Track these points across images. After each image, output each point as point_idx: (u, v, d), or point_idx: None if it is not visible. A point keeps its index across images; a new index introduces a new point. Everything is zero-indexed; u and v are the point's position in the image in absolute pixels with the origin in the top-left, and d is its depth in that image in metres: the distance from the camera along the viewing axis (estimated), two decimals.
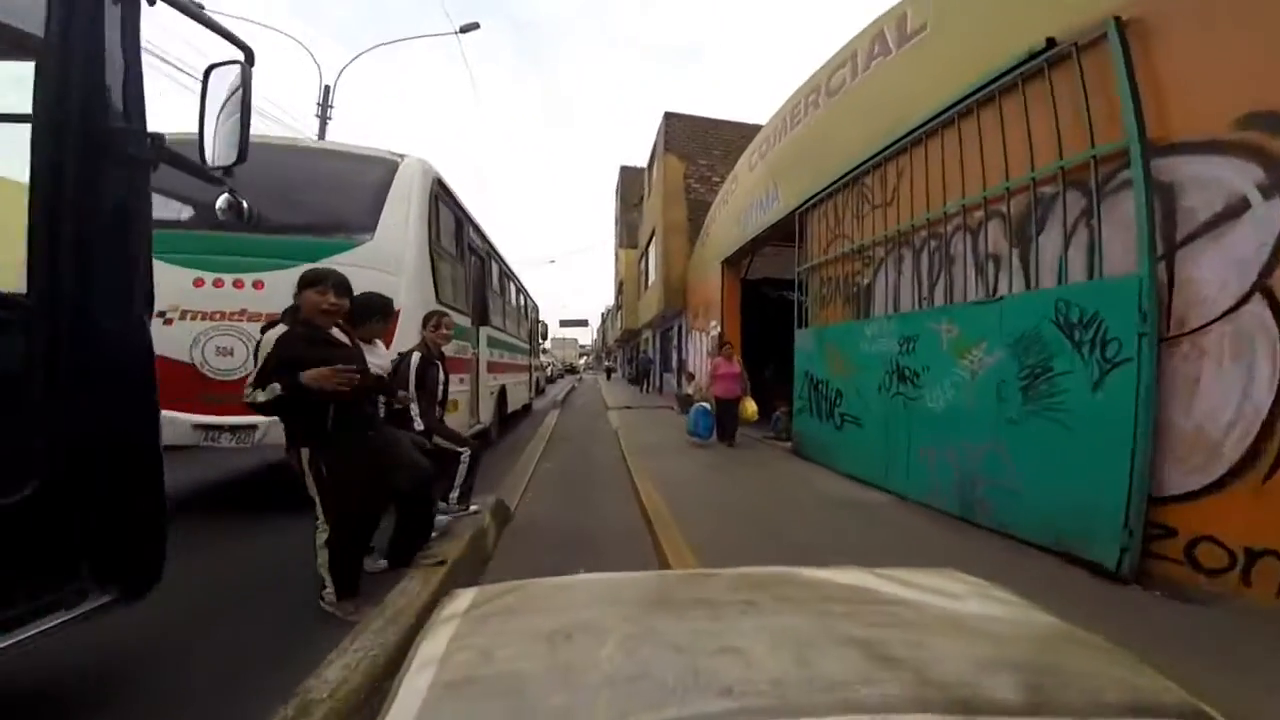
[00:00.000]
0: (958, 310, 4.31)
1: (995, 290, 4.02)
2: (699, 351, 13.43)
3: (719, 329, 11.56)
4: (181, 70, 9.08)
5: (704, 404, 7.98)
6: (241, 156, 1.79)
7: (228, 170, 1.82)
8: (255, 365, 2.46)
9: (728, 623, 0.79)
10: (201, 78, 1.86)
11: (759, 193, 9.17)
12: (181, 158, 1.71)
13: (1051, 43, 3.50)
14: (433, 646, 0.76)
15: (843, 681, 0.63)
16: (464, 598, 0.93)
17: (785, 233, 8.67)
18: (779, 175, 8.33)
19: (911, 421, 4.81)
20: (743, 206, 10.03)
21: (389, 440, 2.92)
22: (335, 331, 2.70)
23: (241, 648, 2.38)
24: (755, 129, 13.39)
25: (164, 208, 4.25)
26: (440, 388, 3.77)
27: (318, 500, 2.55)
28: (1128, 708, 0.62)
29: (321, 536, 2.58)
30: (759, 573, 1.04)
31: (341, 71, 13.40)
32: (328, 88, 12.40)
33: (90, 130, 1.47)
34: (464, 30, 12.93)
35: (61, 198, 1.44)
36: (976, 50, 4.30)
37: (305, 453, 2.51)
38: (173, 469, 1.92)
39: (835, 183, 6.37)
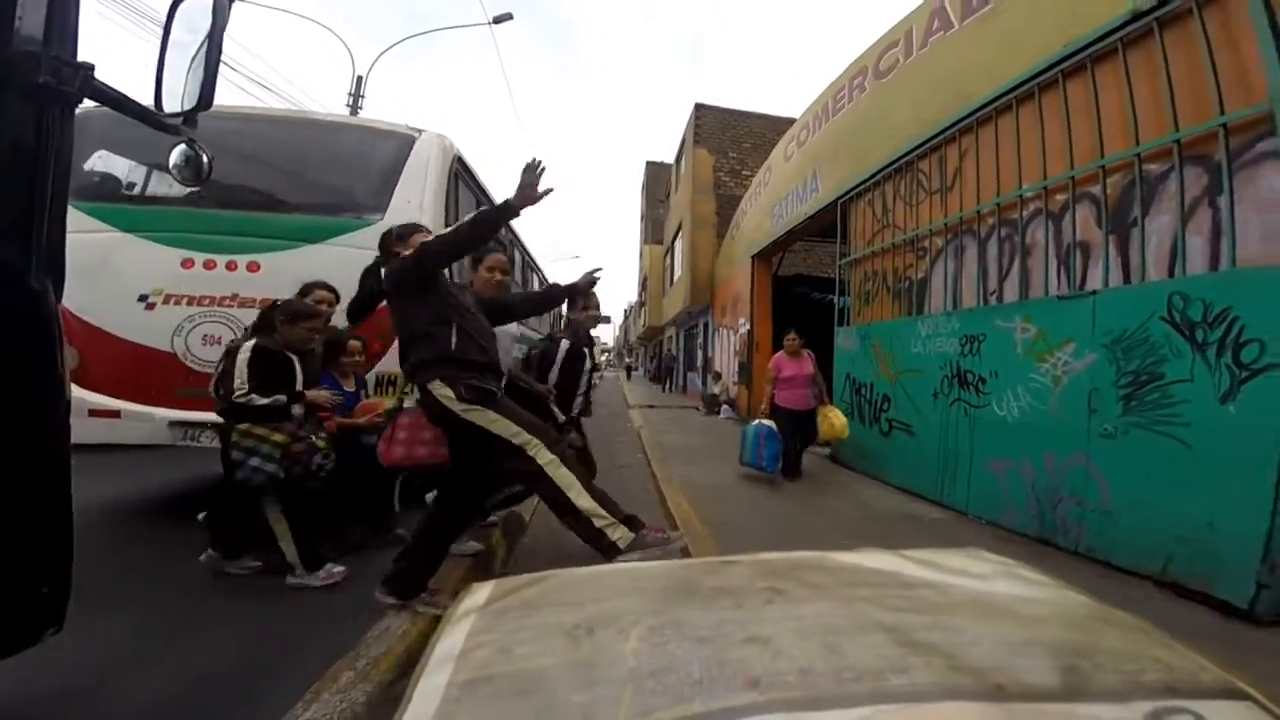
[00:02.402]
0: (1037, 306, 3.82)
1: (1084, 283, 3.53)
2: (725, 349, 12.99)
3: (748, 326, 11.10)
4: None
5: (765, 421, 5.41)
6: (204, 103, 1.47)
7: (187, 119, 1.49)
8: None
9: (753, 611, 0.76)
10: (168, 10, 1.55)
11: (796, 183, 8.69)
12: (125, 98, 1.37)
13: (1164, 0, 3.02)
14: (450, 643, 0.73)
15: (872, 670, 0.61)
16: (481, 591, 0.88)
17: (823, 225, 8.22)
18: (819, 163, 7.85)
19: (975, 431, 4.34)
20: (777, 198, 9.56)
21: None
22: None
23: (179, 695, 1.96)
24: (788, 121, 12.89)
25: (153, 182, 4.00)
26: (585, 379, 3.45)
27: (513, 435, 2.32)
28: (1166, 688, 0.59)
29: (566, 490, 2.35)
30: (783, 558, 1.00)
31: (374, 62, 13.00)
32: (360, 78, 12.15)
33: None
34: (498, 21, 12.58)
35: None
36: (1059, 16, 3.81)
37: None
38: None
39: (884, 168, 5.89)
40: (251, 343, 2.71)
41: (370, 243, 3.77)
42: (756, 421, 5.50)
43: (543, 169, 2.26)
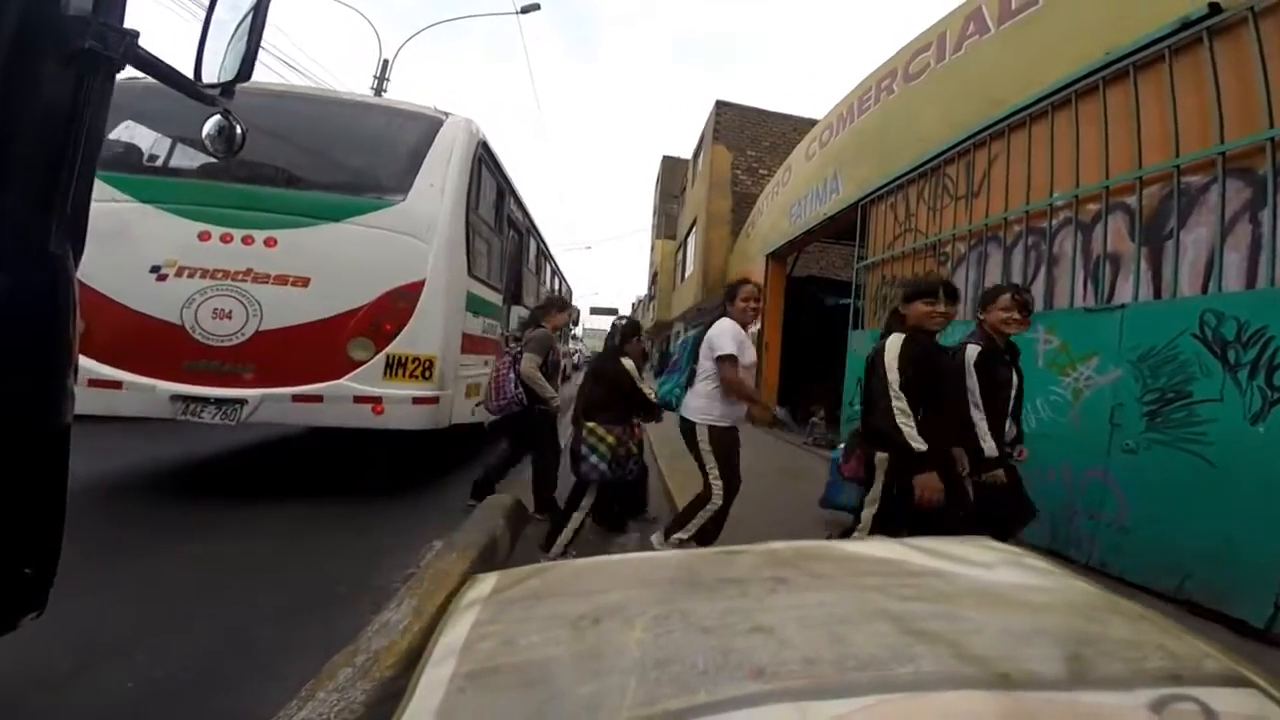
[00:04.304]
0: (1062, 317, 3.76)
1: (1112, 296, 3.47)
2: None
3: (759, 326, 11.04)
4: None
5: None
6: (243, 75, 1.43)
7: (225, 90, 1.44)
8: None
9: (758, 601, 0.75)
10: None
11: (816, 183, 8.62)
12: (166, 67, 1.32)
13: (1216, 8, 2.93)
14: (454, 635, 0.72)
15: (877, 659, 0.59)
16: (485, 583, 0.87)
17: (842, 227, 8.15)
18: (841, 164, 7.77)
19: None
20: (796, 198, 9.49)
21: None
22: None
23: (157, 685, 1.84)
24: (809, 122, 12.79)
25: (175, 155, 4.04)
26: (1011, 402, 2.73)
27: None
28: (1170, 675, 0.58)
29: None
30: (787, 548, 0.99)
31: (401, 47, 13.17)
32: (386, 61, 12.14)
33: (36, 11, 1.10)
34: (525, 11, 12.59)
35: None
36: (1102, 23, 3.74)
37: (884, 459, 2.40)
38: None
39: (909, 171, 5.82)
40: (630, 361, 3.23)
41: (389, 224, 3.87)
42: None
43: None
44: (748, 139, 15.01)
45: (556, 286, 11.78)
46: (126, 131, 3.96)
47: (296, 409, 3.62)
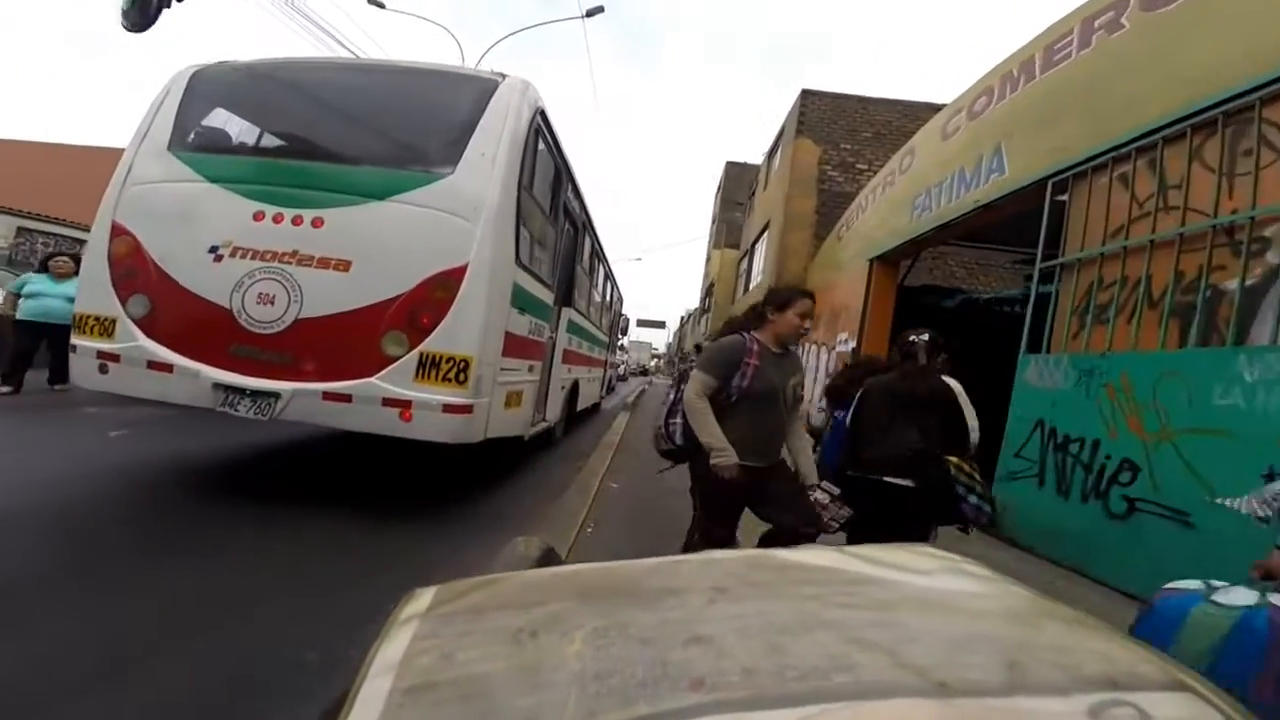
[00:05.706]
0: None
1: None
2: (817, 368, 10.99)
3: (853, 344, 9.19)
4: None
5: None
6: None
7: None
8: None
9: (697, 611, 0.73)
10: None
11: (960, 164, 6.78)
12: None
13: None
14: (392, 650, 0.69)
15: (817, 668, 0.59)
16: (424, 597, 0.83)
17: (1001, 217, 6.33)
18: (1010, 135, 5.94)
19: None
20: (924, 186, 7.65)
21: None
22: None
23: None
24: (929, 106, 10.95)
25: (242, 134, 3.98)
26: None
27: None
28: (1108, 681, 0.57)
29: None
30: (727, 557, 0.96)
31: (479, 60, 13.47)
32: None
33: None
34: (590, 14, 12.91)
35: None
36: None
37: None
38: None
39: (1168, 126, 3.97)
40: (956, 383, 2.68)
41: (432, 201, 3.49)
42: (1246, 599, 1.43)
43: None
44: (842, 131, 13.22)
45: (609, 292, 10.59)
46: (215, 117, 3.96)
47: (325, 408, 3.36)
